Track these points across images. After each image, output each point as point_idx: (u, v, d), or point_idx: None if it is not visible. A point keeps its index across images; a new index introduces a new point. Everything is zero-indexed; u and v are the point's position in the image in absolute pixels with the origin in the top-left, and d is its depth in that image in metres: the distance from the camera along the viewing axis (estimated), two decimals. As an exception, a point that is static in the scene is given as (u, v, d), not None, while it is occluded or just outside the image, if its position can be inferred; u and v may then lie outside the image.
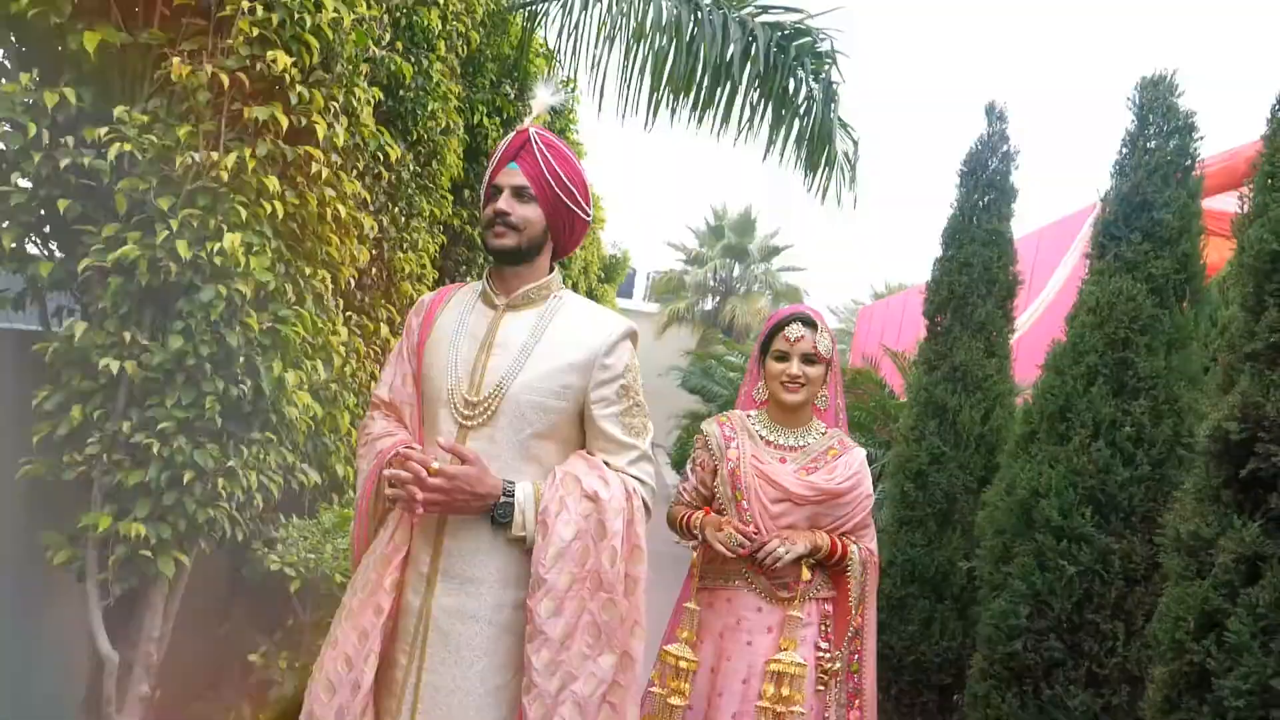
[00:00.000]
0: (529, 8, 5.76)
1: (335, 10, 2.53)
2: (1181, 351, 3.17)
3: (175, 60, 2.31)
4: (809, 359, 2.55)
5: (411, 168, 3.89)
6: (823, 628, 2.55)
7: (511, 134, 2.12)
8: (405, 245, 3.98)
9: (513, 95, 5.55)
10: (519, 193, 2.06)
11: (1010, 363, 4.37)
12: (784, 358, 2.57)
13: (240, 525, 2.81)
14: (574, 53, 5.71)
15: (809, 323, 2.58)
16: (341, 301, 3.12)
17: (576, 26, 5.72)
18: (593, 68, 5.66)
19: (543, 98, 2.20)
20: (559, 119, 7.14)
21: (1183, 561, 2.07)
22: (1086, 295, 3.27)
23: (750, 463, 2.56)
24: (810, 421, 2.66)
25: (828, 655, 2.53)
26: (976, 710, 3.16)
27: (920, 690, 4.08)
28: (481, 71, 5.11)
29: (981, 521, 3.37)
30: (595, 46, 5.64)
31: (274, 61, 2.37)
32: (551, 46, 5.90)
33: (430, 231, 4.38)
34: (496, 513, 1.98)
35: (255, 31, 2.36)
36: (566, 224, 2.14)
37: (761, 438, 2.63)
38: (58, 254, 2.55)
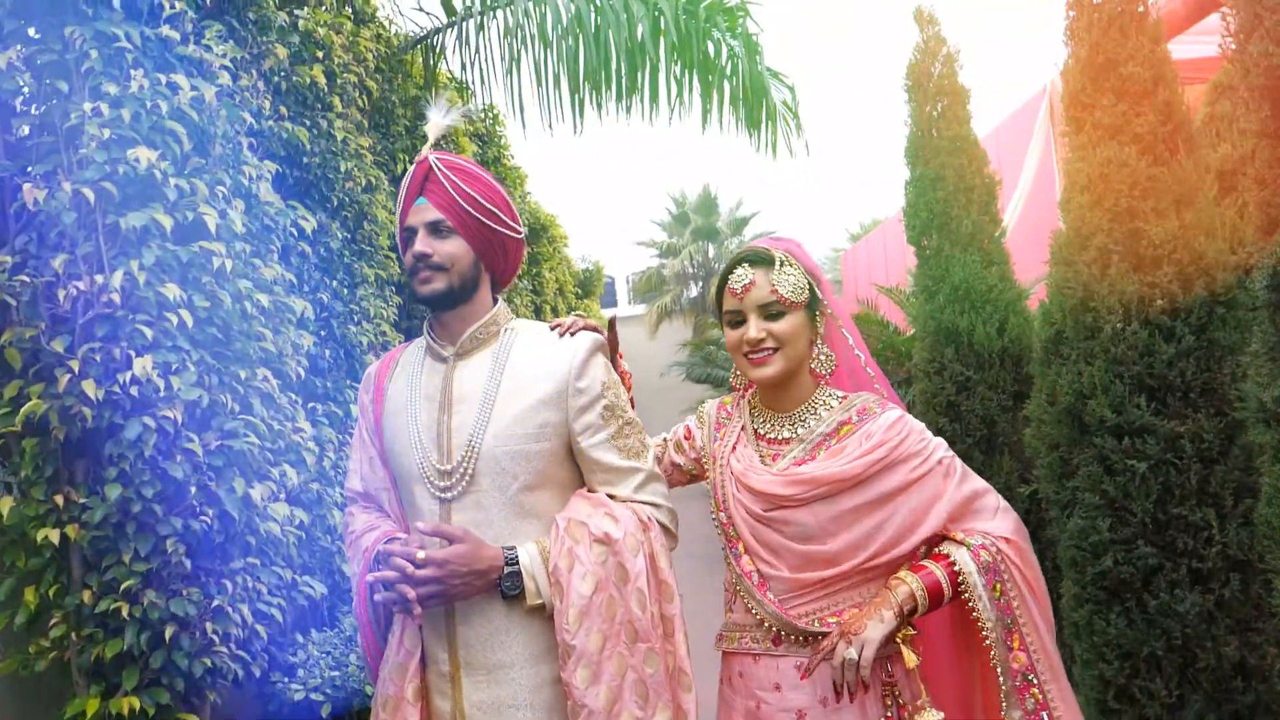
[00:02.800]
0: (425, 43, 5.53)
1: (193, 89, 2.28)
2: (1191, 206, 2.93)
3: (26, 186, 2.06)
4: (772, 311, 1.79)
5: (340, 235, 3.64)
6: (889, 700, 1.72)
7: (411, 167, 1.87)
8: (356, 317, 3.72)
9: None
10: (435, 228, 1.81)
11: (1011, 267, 4.13)
12: (738, 319, 1.83)
13: (253, 662, 2.56)
14: (483, 79, 5.48)
15: (759, 260, 1.82)
16: (294, 396, 2.86)
17: (477, 53, 5.50)
18: (507, 88, 5.44)
19: (436, 120, 1.94)
20: (489, 148, 6.91)
21: (1275, 433, 1.82)
22: (1075, 173, 3.02)
23: (729, 461, 1.89)
24: (812, 397, 1.87)
25: None
26: (1081, 640, 2.90)
27: (1012, 628, 3.82)
28: (393, 119, 4.87)
29: (1031, 439, 3.11)
30: (504, 62, 5.41)
31: (137, 160, 2.12)
32: (459, 78, 5.67)
33: (382, 296, 4.13)
34: (504, 586, 1.74)
35: (107, 134, 2.12)
36: (498, 249, 1.89)
37: (754, 431, 1.92)
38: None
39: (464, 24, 5.35)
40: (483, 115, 6.78)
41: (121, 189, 2.16)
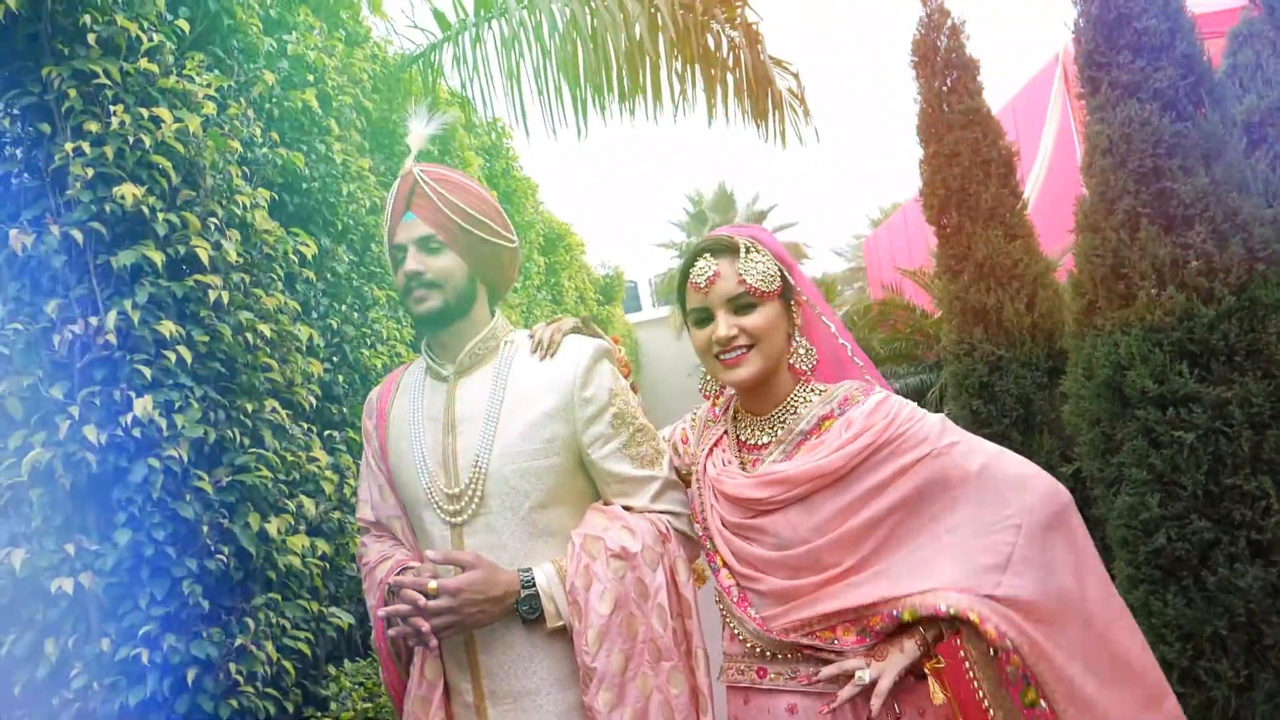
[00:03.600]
0: (423, 59, 5.49)
1: (177, 121, 2.23)
2: (1220, 161, 2.80)
3: (13, 233, 2.01)
4: (742, 304, 1.59)
5: (347, 258, 3.59)
6: None
7: (396, 182, 1.80)
8: (369, 340, 3.67)
9: (436, 152, 5.27)
10: (426, 245, 1.73)
11: (1036, 240, 4.01)
12: (704, 317, 1.63)
13: (284, 698, 2.51)
14: (484, 95, 5.43)
15: (723, 249, 1.62)
16: (307, 425, 2.81)
17: (475, 69, 5.45)
18: (508, 98, 5.38)
19: (417, 131, 1.87)
20: (496, 160, 6.86)
21: (1331, 391, 1.69)
22: (1096, 137, 2.90)
23: (705, 466, 1.71)
24: (789, 396, 1.66)
25: None
26: (1139, 621, 2.77)
27: (1064, 612, 3.69)
28: (395, 139, 4.83)
29: (1070, 416, 2.99)
30: (502, 73, 5.36)
31: (123, 197, 2.07)
32: (459, 92, 5.63)
33: (394, 317, 4.08)
34: (522, 610, 1.67)
35: (91, 173, 2.07)
36: (492, 260, 1.81)
37: (736, 437, 1.72)
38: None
39: (460, 38, 5.30)
40: (488, 129, 6.74)
41: (110, 228, 2.12)
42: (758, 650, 1.58)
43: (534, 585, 1.66)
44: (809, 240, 23.25)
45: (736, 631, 1.60)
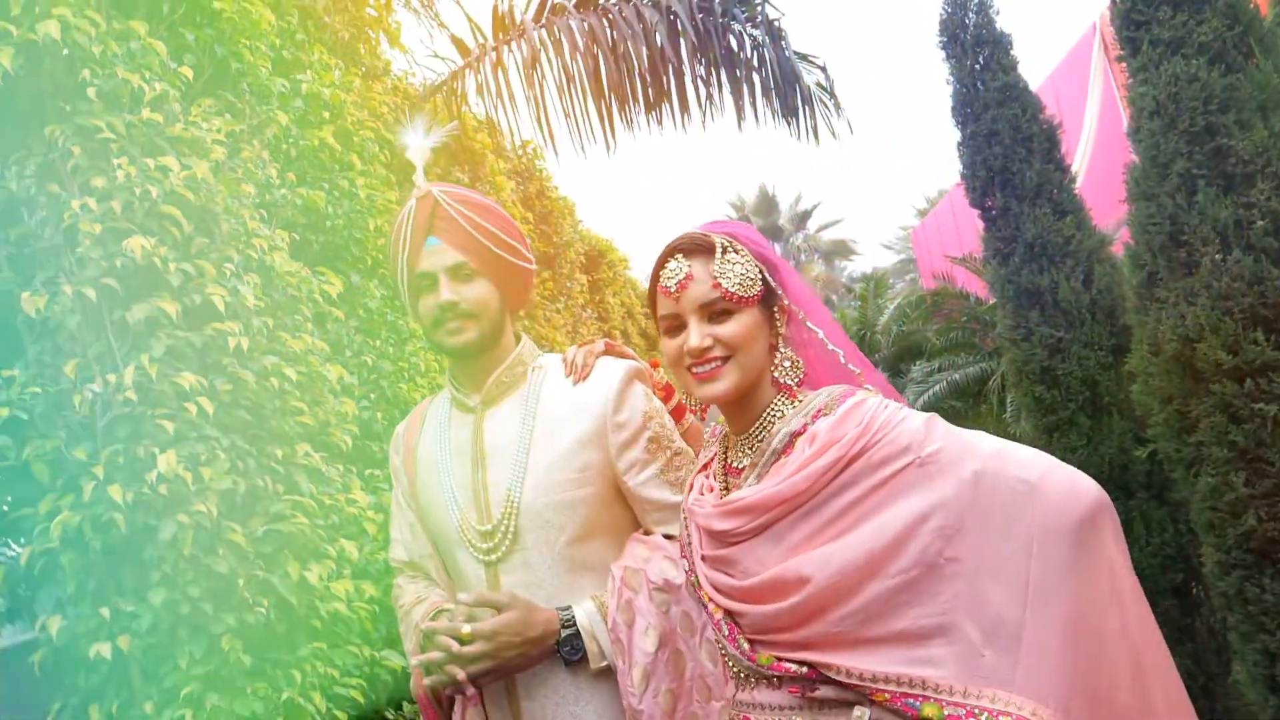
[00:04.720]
0: (447, 88, 5.48)
1: (186, 167, 2.19)
2: (1278, 112, 2.62)
3: (25, 295, 1.99)
4: (717, 310, 1.39)
5: (378, 293, 3.55)
6: None
7: (410, 203, 1.70)
8: (408, 374, 3.62)
9: (467, 179, 5.24)
10: (458, 273, 1.65)
11: (1087, 214, 3.83)
12: (675, 324, 1.43)
13: (338, 748, 2.44)
14: (511, 121, 5.40)
15: (696, 248, 1.41)
16: (345, 467, 2.75)
17: (500, 95, 5.42)
18: (533, 119, 5.34)
19: (416, 145, 1.79)
20: (529, 183, 6.83)
21: None
22: (1141, 99, 2.74)
23: (687, 492, 1.53)
24: (767, 410, 1.43)
25: None
26: (1234, 611, 2.59)
27: (1154, 599, 3.49)
28: (424, 170, 4.79)
29: (1139, 396, 2.82)
30: (525, 95, 5.32)
31: (132, 251, 2.03)
32: (484, 118, 5.61)
33: (433, 349, 4.03)
34: (563, 651, 1.57)
35: (99, 229, 2.04)
36: (518, 284, 1.74)
37: (724, 460, 1.50)
38: (13, 549, 2.25)
39: (482, 64, 5.27)
40: (518, 152, 6.71)
41: (123, 282, 2.08)
42: (752, 680, 1.37)
43: (574, 624, 1.56)
44: (856, 236, 22.94)
45: (732, 665, 1.39)
